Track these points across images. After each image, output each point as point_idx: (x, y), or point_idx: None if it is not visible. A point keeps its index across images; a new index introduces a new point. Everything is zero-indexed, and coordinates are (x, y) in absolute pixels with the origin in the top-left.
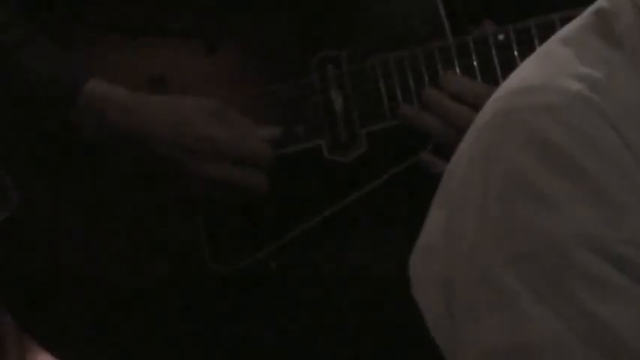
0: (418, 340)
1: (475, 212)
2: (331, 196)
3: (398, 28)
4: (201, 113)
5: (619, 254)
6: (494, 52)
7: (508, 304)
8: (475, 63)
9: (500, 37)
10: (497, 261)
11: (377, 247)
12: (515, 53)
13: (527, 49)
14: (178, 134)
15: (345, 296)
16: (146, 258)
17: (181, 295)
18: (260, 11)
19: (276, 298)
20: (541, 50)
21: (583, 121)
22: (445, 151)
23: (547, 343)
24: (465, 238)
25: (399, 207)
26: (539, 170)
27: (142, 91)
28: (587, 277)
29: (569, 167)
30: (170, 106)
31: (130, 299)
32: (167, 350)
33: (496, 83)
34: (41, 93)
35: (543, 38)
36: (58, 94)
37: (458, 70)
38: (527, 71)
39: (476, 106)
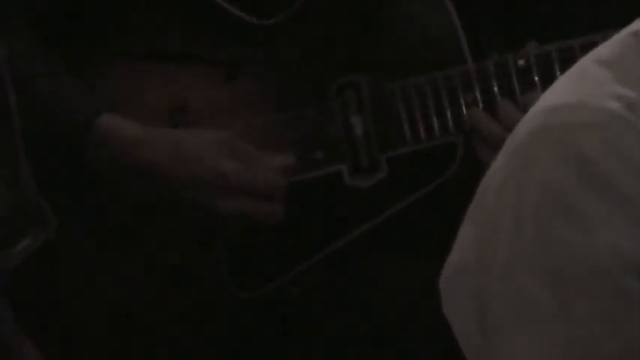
0: None
1: (509, 229)
2: (352, 221)
3: (418, 54)
4: (213, 148)
5: None
6: (514, 76)
7: (543, 324)
8: (495, 88)
9: (521, 62)
10: (532, 280)
11: (398, 271)
12: (536, 78)
13: (547, 74)
14: (189, 171)
15: (369, 320)
16: (168, 283)
17: (202, 320)
18: (279, 37)
19: (299, 323)
20: (574, 71)
21: (620, 139)
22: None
23: None
24: (498, 256)
25: (420, 231)
26: (575, 188)
27: (165, 120)
28: (624, 297)
29: (606, 185)
30: (182, 141)
31: (150, 325)
32: None
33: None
34: (55, 127)
35: (563, 63)
36: (71, 130)
37: (478, 94)
38: (561, 91)
39: None
